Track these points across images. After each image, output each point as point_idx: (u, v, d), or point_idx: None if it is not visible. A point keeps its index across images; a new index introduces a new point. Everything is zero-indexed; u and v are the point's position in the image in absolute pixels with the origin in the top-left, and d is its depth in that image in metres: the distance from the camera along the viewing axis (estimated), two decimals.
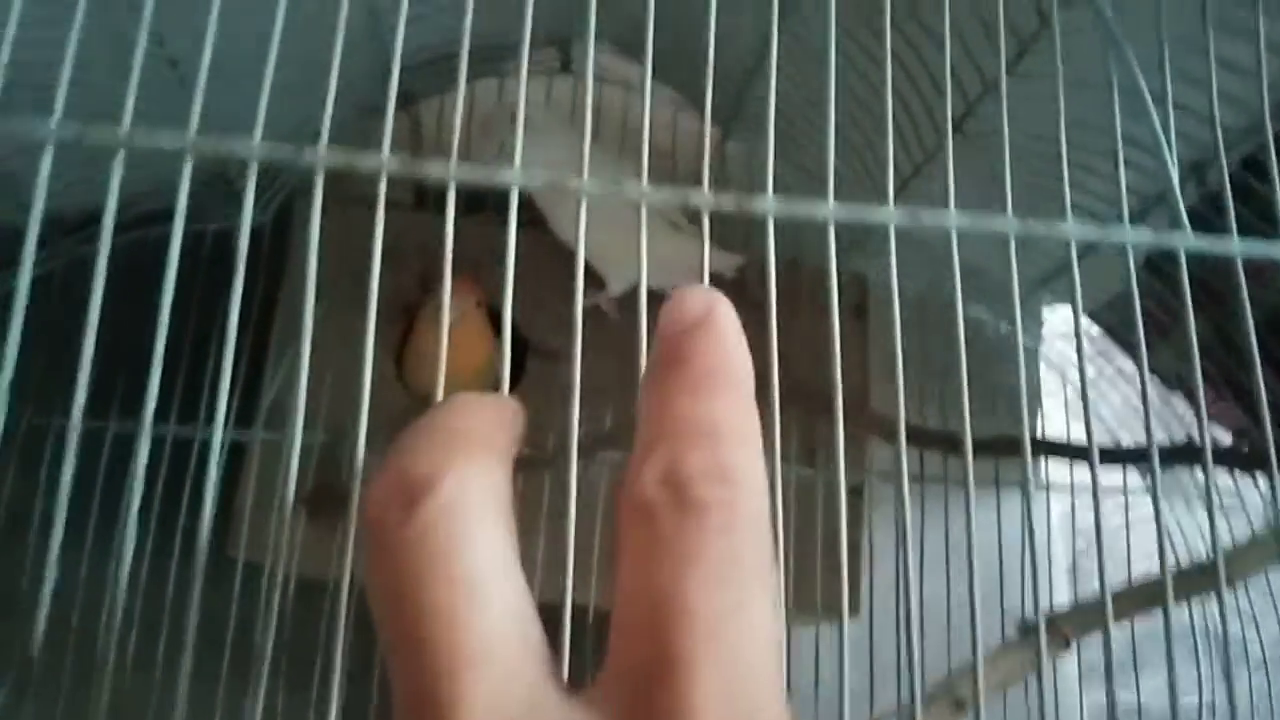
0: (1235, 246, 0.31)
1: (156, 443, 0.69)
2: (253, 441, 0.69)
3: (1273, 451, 0.29)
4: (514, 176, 0.28)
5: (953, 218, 0.29)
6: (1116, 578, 0.85)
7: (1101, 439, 0.90)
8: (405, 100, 0.77)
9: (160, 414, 0.68)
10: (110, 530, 0.66)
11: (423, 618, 0.18)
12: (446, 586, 0.18)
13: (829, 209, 0.29)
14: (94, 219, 0.68)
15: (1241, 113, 0.46)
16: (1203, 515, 0.76)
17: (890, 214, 0.29)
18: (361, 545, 0.20)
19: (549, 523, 0.70)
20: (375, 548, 0.19)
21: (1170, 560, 0.32)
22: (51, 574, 0.25)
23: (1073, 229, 0.31)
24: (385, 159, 0.27)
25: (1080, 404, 0.88)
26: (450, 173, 0.27)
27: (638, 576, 0.18)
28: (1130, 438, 0.85)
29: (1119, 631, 0.69)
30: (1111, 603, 0.35)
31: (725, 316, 0.21)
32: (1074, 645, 0.38)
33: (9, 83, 0.27)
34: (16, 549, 0.65)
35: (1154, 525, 0.29)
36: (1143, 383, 0.33)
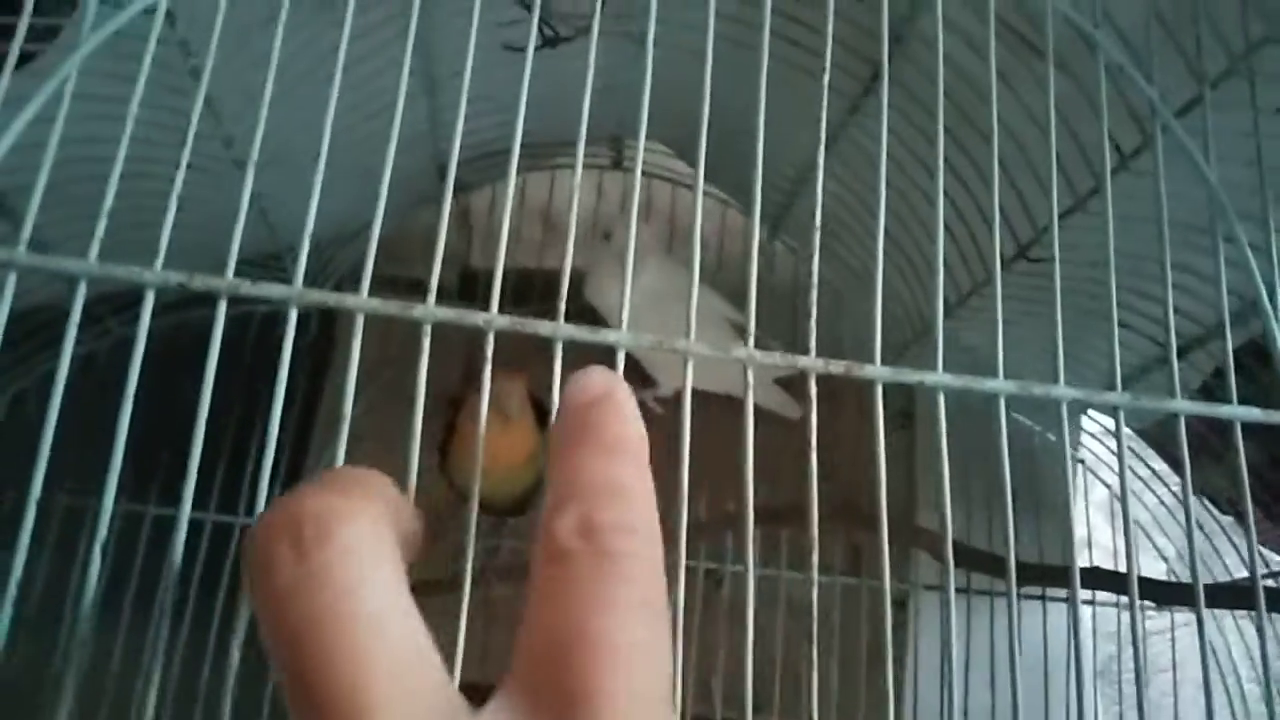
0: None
1: (195, 527, 0.69)
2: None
3: None
4: (622, 338, 0.28)
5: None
6: (1160, 685, 0.84)
7: (1140, 544, 0.89)
8: (458, 188, 0.78)
9: (200, 500, 0.68)
10: (146, 614, 0.66)
11: (326, 657, 0.18)
12: (350, 624, 0.18)
13: (939, 378, 0.29)
14: (120, 309, 0.69)
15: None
16: (1250, 634, 0.75)
17: (1002, 385, 0.29)
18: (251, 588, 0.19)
19: None
20: (267, 587, 0.19)
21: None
22: (78, 657, 0.25)
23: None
24: (494, 316, 0.27)
25: (1117, 505, 0.87)
26: (559, 333, 0.27)
27: (552, 612, 0.19)
28: (1168, 541, 0.84)
29: None
30: None
31: (623, 393, 0.24)
32: None
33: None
34: (51, 631, 0.65)
35: (1191, 629, 0.29)
36: (1189, 541, 0.33)
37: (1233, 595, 0.53)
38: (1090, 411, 0.83)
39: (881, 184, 0.32)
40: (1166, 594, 0.59)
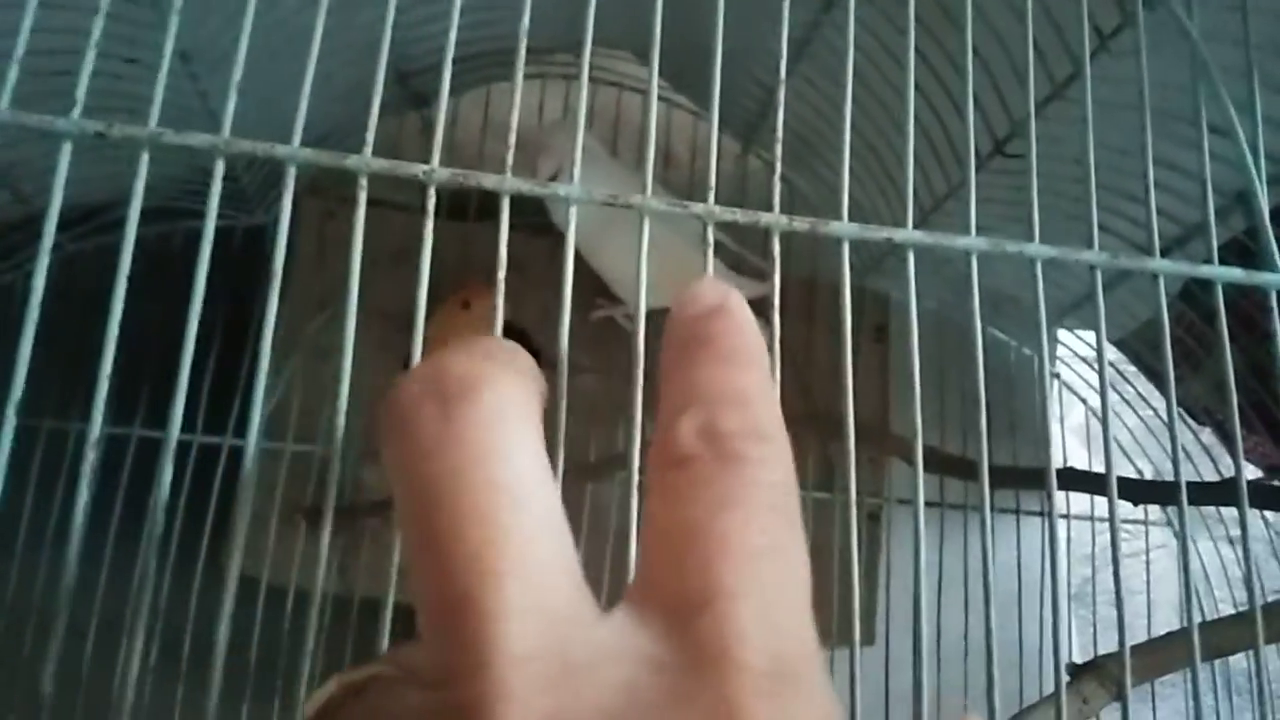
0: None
1: (182, 449, 0.67)
2: (250, 450, 0.67)
3: None
4: (573, 191, 0.26)
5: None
6: (1134, 607, 0.84)
7: (1118, 464, 0.88)
8: (418, 101, 0.76)
9: (187, 421, 0.67)
10: (132, 537, 0.64)
11: (461, 521, 0.17)
12: (488, 490, 0.17)
13: (909, 234, 0.27)
14: (96, 212, 0.67)
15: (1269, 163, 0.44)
16: (1222, 546, 0.75)
17: (973, 242, 0.27)
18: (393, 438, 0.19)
19: None
20: (407, 444, 0.18)
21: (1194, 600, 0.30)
22: (69, 585, 0.24)
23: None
24: (436, 168, 0.25)
25: (1098, 427, 0.86)
26: (505, 185, 0.26)
27: (675, 514, 0.18)
28: (1148, 463, 0.83)
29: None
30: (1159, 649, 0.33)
31: (741, 306, 0.22)
32: (1115, 695, 0.36)
33: (26, 74, 0.25)
34: (35, 557, 0.64)
35: (1168, 550, 0.28)
36: (1171, 427, 0.31)
37: (1211, 492, 0.53)
38: (1070, 331, 0.82)
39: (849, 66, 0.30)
40: (1143, 493, 0.58)
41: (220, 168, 0.25)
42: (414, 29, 0.64)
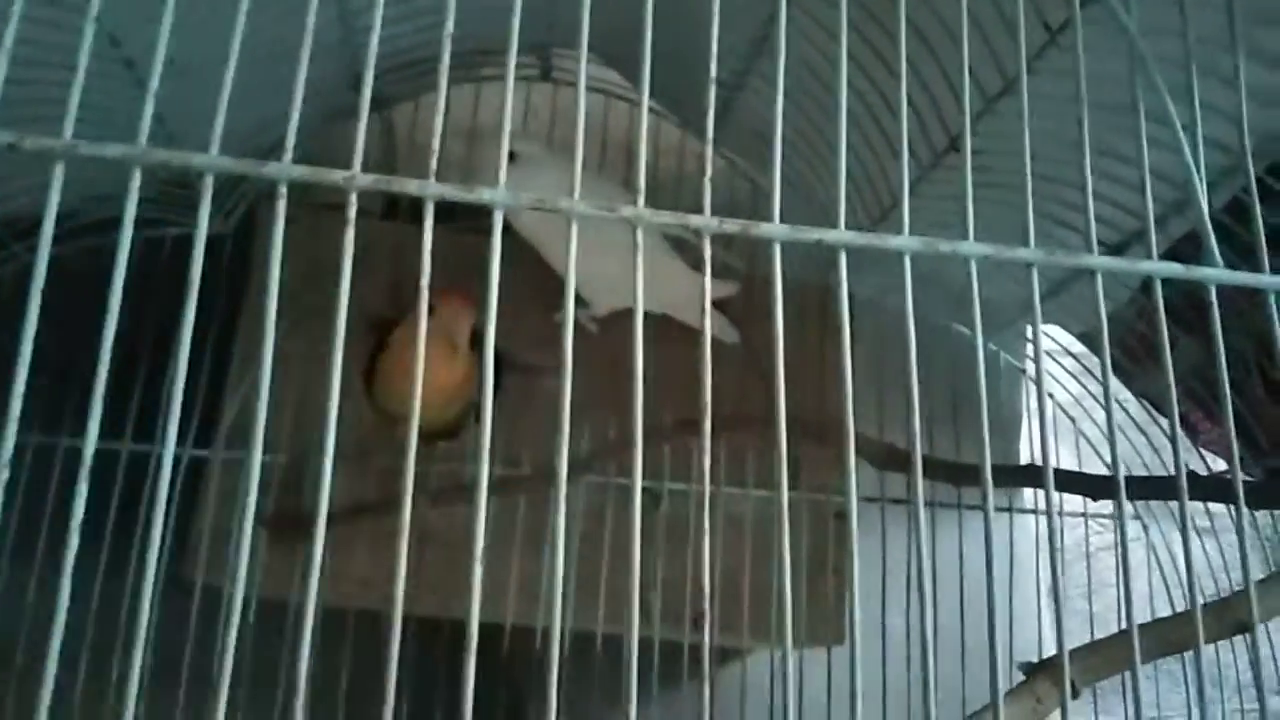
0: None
1: (110, 458, 0.66)
2: (213, 461, 0.66)
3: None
4: (498, 196, 0.26)
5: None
6: (1102, 600, 0.84)
7: (1089, 458, 0.88)
8: (378, 104, 0.75)
9: (115, 429, 0.66)
10: (61, 550, 0.64)
11: None
12: None
13: (840, 235, 0.27)
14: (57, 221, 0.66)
15: (1221, 154, 0.44)
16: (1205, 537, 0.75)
17: (907, 242, 0.27)
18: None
19: (523, 546, 0.68)
20: None
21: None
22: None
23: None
24: (357, 174, 0.25)
25: (1065, 420, 0.86)
26: (428, 190, 0.25)
27: None
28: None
29: None
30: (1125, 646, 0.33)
31: None
32: (1083, 693, 0.36)
33: None
34: (24, 574, 0.63)
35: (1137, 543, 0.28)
36: (1109, 425, 0.31)
37: (1153, 487, 0.52)
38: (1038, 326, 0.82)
39: (782, 52, 0.30)
40: (1091, 487, 0.58)
41: (137, 177, 0.25)
42: (368, 31, 0.63)
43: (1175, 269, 0.29)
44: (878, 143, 0.58)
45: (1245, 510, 0.29)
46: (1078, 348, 0.85)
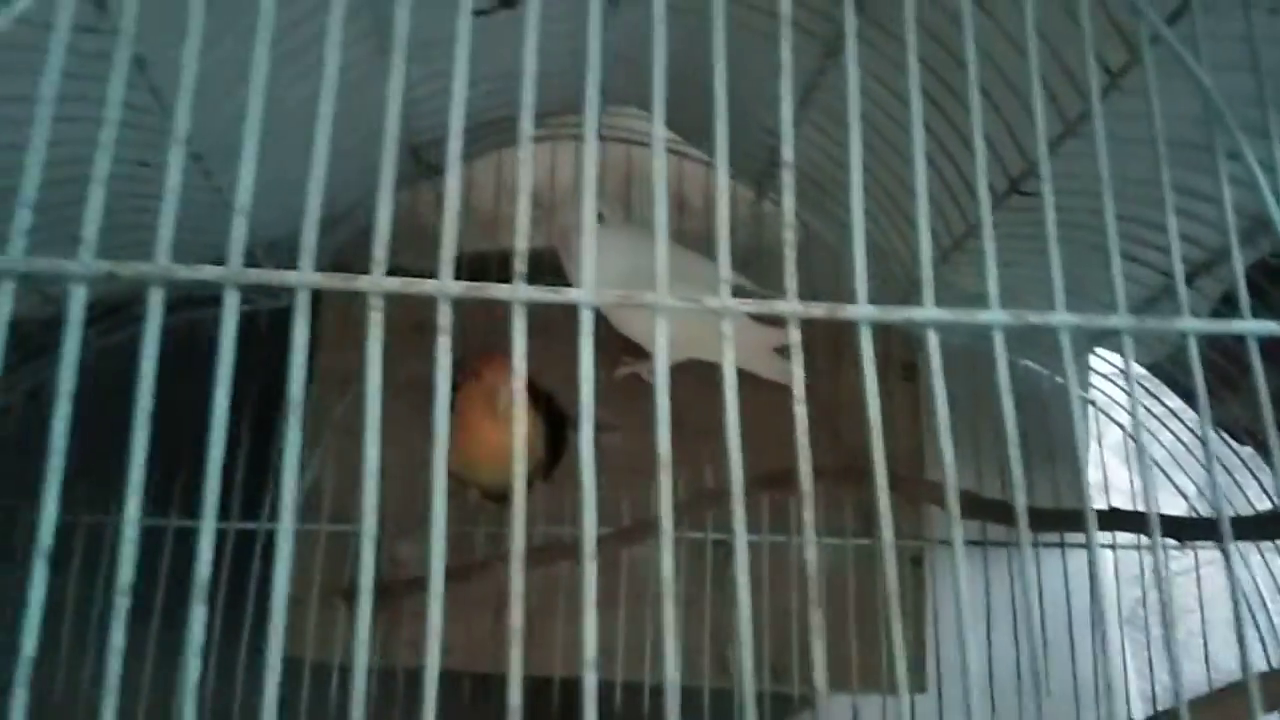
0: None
1: (218, 537, 0.67)
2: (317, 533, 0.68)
3: None
4: (584, 297, 0.26)
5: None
6: (1189, 626, 0.82)
7: (1158, 483, 0.87)
8: (431, 171, 0.76)
9: (222, 509, 0.67)
10: (175, 629, 0.65)
11: None
12: None
13: (928, 313, 0.27)
14: (121, 306, 0.68)
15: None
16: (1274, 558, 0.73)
17: (995, 316, 0.27)
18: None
19: (603, 608, 0.68)
20: None
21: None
22: (114, 678, 0.24)
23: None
24: (448, 284, 0.26)
25: (1130, 443, 0.84)
26: (518, 294, 0.26)
27: None
28: (1187, 479, 0.82)
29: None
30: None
31: None
32: None
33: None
34: (80, 654, 0.64)
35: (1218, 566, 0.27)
36: (1211, 472, 0.31)
37: (1255, 526, 0.51)
38: (1100, 351, 0.81)
39: (854, 117, 0.30)
40: (1187, 530, 0.57)
41: (235, 299, 0.25)
42: (422, 103, 0.65)
43: (1209, 325, 0.29)
44: (935, 185, 0.58)
45: None
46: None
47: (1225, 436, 0.66)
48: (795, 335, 0.27)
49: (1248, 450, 0.68)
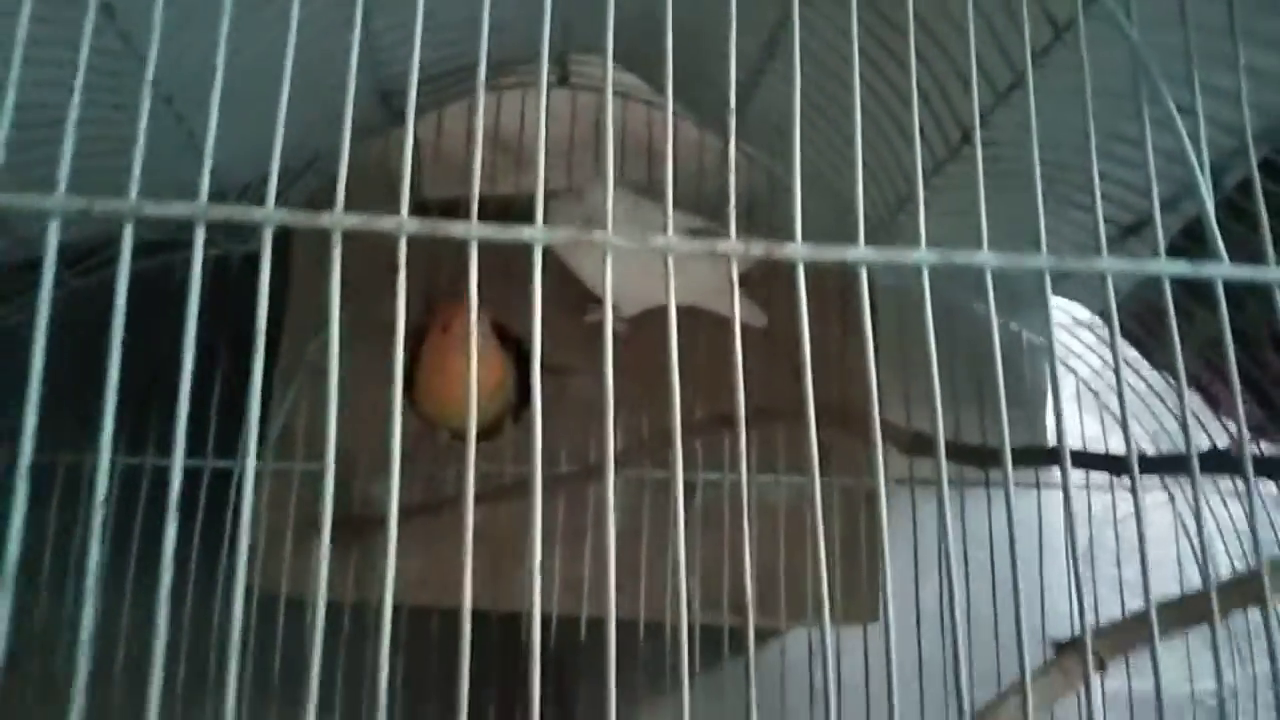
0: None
1: (193, 475, 0.69)
2: (263, 472, 0.69)
3: None
4: (537, 234, 0.27)
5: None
6: (1132, 566, 0.85)
7: (1112, 431, 0.89)
8: (401, 119, 0.77)
9: (197, 447, 0.69)
10: (153, 570, 0.66)
11: None
12: None
13: (860, 252, 0.29)
14: (97, 249, 0.68)
15: (1228, 137, 0.45)
16: (1217, 507, 0.76)
17: (924, 256, 0.29)
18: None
19: (564, 542, 0.70)
20: None
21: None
22: (90, 609, 0.25)
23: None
24: (404, 220, 0.27)
25: (1088, 393, 0.87)
26: (471, 232, 0.27)
27: None
28: (1139, 427, 0.84)
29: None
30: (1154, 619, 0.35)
31: None
32: (1110, 666, 0.37)
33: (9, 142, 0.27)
34: (60, 594, 0.66)
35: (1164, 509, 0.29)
36: (1183, 402, 0.33)
37: (1215, 460, 0.54)
38: (1058, 302, 0.83)
39: (795, 63, 0.31)
40: (1153, 465, 0.59)
41: (203, 232, 0.27)
42: (393, 50, 0.65)
43: (1183, 268, 0.31)
44: (893, 133, 0.60)
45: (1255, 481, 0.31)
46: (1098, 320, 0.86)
47: (1170, 381, 0.68)
48: (734, 273, 0.28)
49: (1198, 402, 0.70)
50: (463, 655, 0.25)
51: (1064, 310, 0.86)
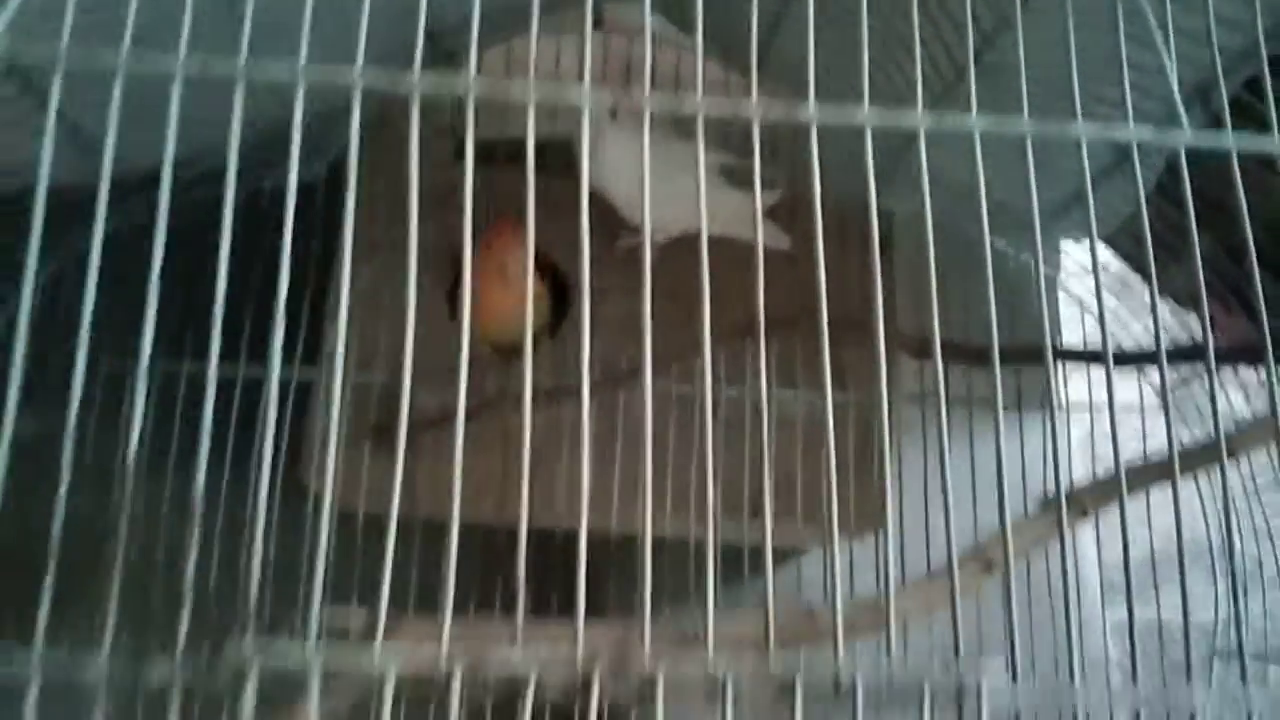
0: (1231, 140, 0.34)
1: (228, 384, 0.73)
2: (318, 380, 0.74)
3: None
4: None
5: (974, 120, 0.33)
6: (1129, 456, 0.87)
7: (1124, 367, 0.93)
8: (448, 59, 0.81)
9: (232, 356, 0.73)
10: (190, 475, 0.70)
11: None
12: None
13: (865, 114, 0.32)
14: (154, 180, 0.73)
15: (1238, 35, 0.48)
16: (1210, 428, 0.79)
17: (919, 118, 0.32)
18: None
19: (594, 451, 0.75)
20: None
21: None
22: (127, 514, 0.29)
23: (1083, 128, 0.34)
24: (472, 80, 0.31)
25: (1099, 336, 0.91)
26: (529, 95, 0.31)
27: None
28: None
29: (1136, 550, 0.73)
30: (1126, 476, 0.39)
31: None
32: (1092, 515, 0.42)
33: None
34: (102, 493, 0.70)
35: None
36: (1152, 296, 0.37)
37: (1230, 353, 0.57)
38: (1069, 242, 0.87)
39: None
40: (1130, 357, 0.63)
41: (301, 99, 0.31)
42: None
43: (1204, 137, 0.34)
44: (927, 25, 0.62)
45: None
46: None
47: (1169, 302, 0.72)
48: (756, 137, 0.32)
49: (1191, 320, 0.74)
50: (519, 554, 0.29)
51: (1069, 256, 0.90)
